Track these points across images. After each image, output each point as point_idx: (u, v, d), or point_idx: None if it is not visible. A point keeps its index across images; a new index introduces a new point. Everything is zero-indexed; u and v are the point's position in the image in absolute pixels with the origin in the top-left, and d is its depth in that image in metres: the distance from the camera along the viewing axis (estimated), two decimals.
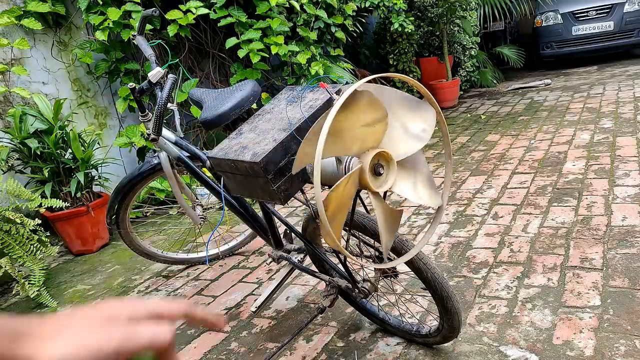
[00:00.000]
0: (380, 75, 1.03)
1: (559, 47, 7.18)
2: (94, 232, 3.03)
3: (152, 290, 2.40)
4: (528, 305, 1.75)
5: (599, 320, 1.60)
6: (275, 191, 1.24)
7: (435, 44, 6.31)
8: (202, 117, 1.66)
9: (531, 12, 6.82)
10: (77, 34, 3.49)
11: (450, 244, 2.33)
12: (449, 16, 5.75)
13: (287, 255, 1.79)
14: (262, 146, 1.24)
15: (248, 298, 2.17)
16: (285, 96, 1.47)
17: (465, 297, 1.87)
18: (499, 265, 2.07)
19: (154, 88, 1.74)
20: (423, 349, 1.62)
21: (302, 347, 1.74)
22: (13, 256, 2.33)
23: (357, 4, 4.74)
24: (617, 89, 5.19)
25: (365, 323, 1.82)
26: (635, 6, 6.66)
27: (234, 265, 2.54)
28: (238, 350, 1.79)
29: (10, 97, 3.09)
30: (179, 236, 3.07)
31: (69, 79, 3.44)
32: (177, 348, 1.88)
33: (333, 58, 4.26)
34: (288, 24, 3.52)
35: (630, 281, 1.78)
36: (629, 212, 2.33)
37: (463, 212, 2.70)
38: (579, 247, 2.09)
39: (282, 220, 1.75)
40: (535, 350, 1.51)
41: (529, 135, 4.04)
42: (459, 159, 3.72)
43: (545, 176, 3.01)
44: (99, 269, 2.79)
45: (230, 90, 1.75)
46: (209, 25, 3.57)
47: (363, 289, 1.50)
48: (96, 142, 3.17)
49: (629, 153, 3.12)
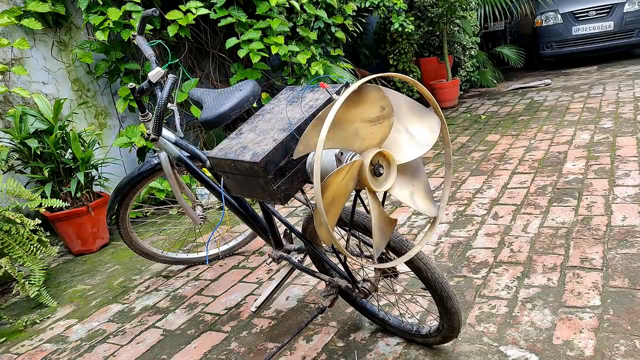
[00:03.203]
0: (381, 75, 1.03)
1: (559, 47, 7.17)
2: (94, 232, 3.03)
3: (152, 290, 2.41)
4: (528, 305, 1.75)
5: (599, 320, 1.60)
6: (275, 191, 1.24)
7: (435, 44, 6.31)
8: (202, 117, 1.66)
9: (531, 12, 6.82)
10: (77, 34, 3.49)
11: (450, 244, 2.33)
12: (449, 16, 5.75)
13: (287, 255, 1.79)
14: (262, 146, 1.24)
15: (248, 298, 2.17)
16: (285, 96, 1.47)
17: (465, 297, 1.87)
18: (499, 265, 2.07)
19: (154, 88, 1.74)
20: (423, 349, 1.62)
21: (302, 347, 1.75)
22: (13, 256, 2.33)
23: (357, 4, 4.74)
24: (617, 89, 5.19)
25: (365, 323, 1.82)
26: (635, 6, 6.66)
27: (234, 265, 2.54)
28: (238, 350, 1.79)
29: (10, 97, 3.09)
30: (179, 236, 3.07)
31: (69, 79, 3.44)
32: (177, 348, 1.88)
33: (333, 58, 4.26)
34: (288, 24, 3.52)
35: (630, 281, 1.78)
36: (629, 212, 2.33)
37: (463, 212, 2.70)
38: (579, 247, 2.09)
39: (282, 220, 1.75)
40: (535, 350, 1.51)
41: (529, 135, 4.04)
42: (459, 159, 3.72)
43: (545, 176, 3.01)
44: (99, 269, 2.79)
45: (230, 90, 1.75)
46: (209, 25, 3.57)
47: (363, 289, 1.50)
48: (96, 142, 3.17)
49: (629, 153, 3.12)
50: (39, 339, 2.11)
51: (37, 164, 2.87)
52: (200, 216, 2.25)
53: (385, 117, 1.05)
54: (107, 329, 2.11)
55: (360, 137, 1.04)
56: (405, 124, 1.11)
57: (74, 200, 2.97)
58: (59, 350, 2.00)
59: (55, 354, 1.98)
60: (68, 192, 2.95)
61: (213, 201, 3.37)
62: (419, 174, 1.19)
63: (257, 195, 1.34)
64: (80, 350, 1.98)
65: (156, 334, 2.01)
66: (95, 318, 2.22)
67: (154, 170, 2.10)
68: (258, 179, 1.26)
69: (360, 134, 1.04)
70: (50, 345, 2.06)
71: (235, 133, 1.41)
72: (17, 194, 2.49)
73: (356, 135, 1.03)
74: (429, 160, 3.85)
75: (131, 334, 2.04)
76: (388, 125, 1.06)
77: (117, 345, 1.97)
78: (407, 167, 1.16)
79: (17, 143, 2.85)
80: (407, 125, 1.11)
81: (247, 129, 1.39)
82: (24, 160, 2.92)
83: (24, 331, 2.21)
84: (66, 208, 2.88)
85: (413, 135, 1.12)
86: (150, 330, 2.04)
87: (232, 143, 1.36)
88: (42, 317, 2.31)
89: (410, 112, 1.12)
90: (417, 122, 1.13)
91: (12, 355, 2.03)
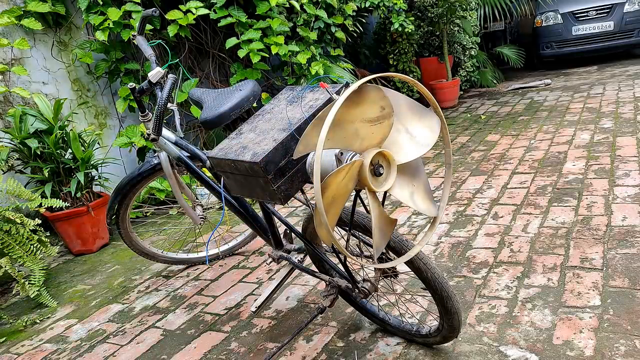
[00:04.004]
0: (381, 75, 1.03)
1: (559, 47, 7.17)
2: (94, 232, 3.03)
3: (152, 290, 2.41)
4: (528, 305, 1.75)
5: (599, 320, 1.60)
6: (275, 191, 1.24)
7: (435, 44, 6.31)
8: (202, 117, 1.66)
9: (531, 12, 6.82)
10: (77, 34, 3.49)
11: (450, 244, 2.33)
12: (449, 16, 5.75)
13: (287, 255, 1.79)
14: (262, 146, 1.24)
15: (248, 298, 2.17)
16: (285, 96, 1.47)
17: (465, 297, 1.87)
18: (499, 265, 2.07)
19: (154, 88, 1.74)
20: (423, 349, 1.62)
21: (302, 347, 1.75)
22: (13, 256, 2.33)
23: (357, 4, 4.74)
24: (617, 89, 5.19)
25: (365, 323, 1.82)
26: (635, 6, 6.66)
27: (234, 265, 2.54)
28: (238, 350, 1.79)
29: (10, 97, 3.09)
30: (179, 236, 3.07)
31: (69, 79, 3.44)
32: (177, 348, 1.88)
33: (333, 58, 4.26)
34: (288, 24, 3.52)
35: (630, 281, 1.78)
36: (629, 212, 2.33)
37: (463, 212, 2.70)
38: (579, 247, 2.09)
39: (282, 220, 1.75)
40: (535, 350, 1.51)
41: (529, 135, 4.04)
42: (459, 159, 3.72)
43: (545, 176, 3.01)
44: (99, 269, 2.79)
45: (230, 90, 1.75)
46: (209, 25, 3.57)
47: (363, 289, 1.50)
48: (96, 142, 3.17)
49: (629, 153, 3.12)
50: (39, 339, 2.11)
51: (37, 164, 2.87)
52: (200, 216, 2.25)
53: (385, 117, 1.05)
54: (107, 329, 2.11)
55: (360, 137, 1.04)
56: (405, 124, 1.11)
57: (74, 200, 2.97)
58: (59, 350, 2.00)
59: (55, 354, 1.98)
60: (68, 192, 2.95)
61: (213, 201, 3.37)
62: (419, 174, 1.19)
63: (257, 195, 1.34)
64: (80, 350, 1.98)
65: (156, 334, 2.01)
66: (95, 318, 2.23)
67: (154, 170, 2.10)
68: (258, 179, 1.26)
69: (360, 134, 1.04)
70: (50, 345, 2.06)
71: (235, 133, 1.41)
72: (17, 194, 2.49)
73: (356, 135, 1.03)
74: (429, 160, 3.85)
75: (131, 334, 2.04)
76: (388, 125, 1.06)
77: (117, 345, 1.97)
78: (407, 167, 1.16)
79: (17, 143, 2.85)
80: (407, 125, 1.11)
81: (247, 129, 1.39)
82: (24, 160, 2.92)
83: (24, 331, 2.21)
84: (66, 208, 2.88)
85: (413, 135, 1.12)
86: (150, 330, 2.04)
87: (232, 143, 1.36)
88: (42, 317, 2.31)
89: (410, 112, 1.12)
90: (417, 122, 1.13)
91: (12, 355, 2.03)
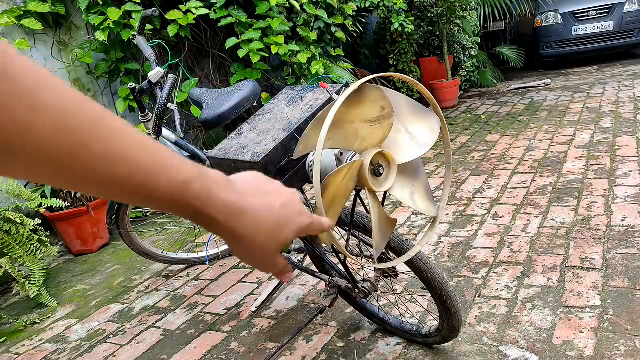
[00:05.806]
0: (381, 75, 1.03)
1: (559, 47, 7.18)
2: (94, 232, 3.03)
3: (152, 290, 2.41)
4: (528, 305, 1.75)
5: (599, 320, 1.60)
6: None
7: (435, 44, 6.31)
8: (202, 117, 1.66)
9: (531, 12, 6.82)
10: (77, 34, 3.49)
11: (450, 244, 2.33)
12: (449, 16, 5.75)
13: (287, 255, 1.79)
14: (262, 146, 1.24)
15: (248, 298, 2.17)
16: (285, 96, 1.47)
17: (465, 297, 1.87)
18: (499, 265, 2.07)
19: (154, 88, 1.74)
20: (423, 349, 1.62)
21: (302, 347, 1.75)
22: (13, 256, 2.33)
23: (357, 4, 4.74)
24: (617, 89, 5.19)
25: (365, 323, 1.82)
26: (635, 6, 6.66)
27: (234, 265, 2.54)
28: (238, 350, 1.79)
29: None
30: (179, 236, 3.07)
31: (69, 79, 3.44)
32: (177, 348, 1.88)
33: (333, 58, 4.26)
34: (288, 24, 3.52)
35: (630, 281, 1.78)
36: (629, 212, 2.33)
37: (463, 212, 2.70)
38: (579, 247, 2.09)
39: None
40: (535, 350, 1.51)
41: (529, 135, 4.04)
42: (459, 159, 3.72)
43: (545, 176, 3.01)
44: (99, 269, 2.79)
45: (230, 90, 1.75)
46: (209, 25, 3.57)
47: (363, 289, 1.50)
48: None
49: (629, 153, 3.12)
50: (39, 339, 2.11)
51: None
52: None
53: (385, 117, 1.05)
54: (107, 329, 2.11)
55: (360, 137, 1.04)
56: (405, 124, 1.11)
57: (74, 200, 2.97)
58: (59, 350, 2.00)
59: (55, 354, 1.98)
60: (68, 192, 2.95)
61: None
62: (419, 174, 1.19)
63: None
64: (80, 350, 1.98)
65: (156, 334, 2.01)
66: (95, 318, 2.22)
67: None
68: None
69: (360, 134, 1.03)
70: (50, 345, 2.06)
71: (235, 133, 1.41)
72: (17, 194, 2.49)
73: (356, 135, 1.03)
74: (429, 160, 3.85)
75: (131, 334, 2.04)
76: (388, 125, 1.06)
77: (117, 345, 1.97)
78: (407, 167, 1.16)
79: None
80: (407, 125, 1.11)
81: (247, 129, 1.39)
82: None
83: (24, 331, 2.21)
84: (66, 208, 2.88)
85: (413, 135, 1.12)
86: (150, 330, 2.04)
87: (232, 143, 1.36)
88: (42, 317, 2.31)
89: (411, 112, 1.12)
90: (417, 122, 1.12)
91: (12, 355, 2.03)
